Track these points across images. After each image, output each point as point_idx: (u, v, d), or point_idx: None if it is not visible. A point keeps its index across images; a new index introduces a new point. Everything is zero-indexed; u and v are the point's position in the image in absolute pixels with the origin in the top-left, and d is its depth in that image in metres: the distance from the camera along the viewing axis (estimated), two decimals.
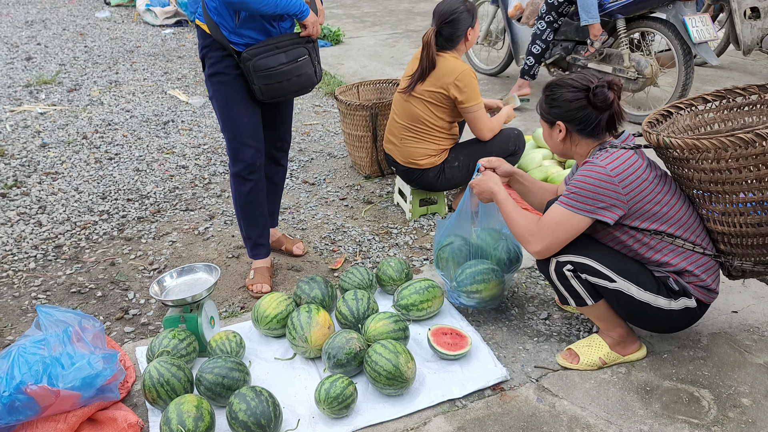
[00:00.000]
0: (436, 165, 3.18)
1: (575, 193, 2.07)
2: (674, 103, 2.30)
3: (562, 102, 2.13)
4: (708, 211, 2.10)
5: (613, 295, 2.14)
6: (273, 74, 2.46)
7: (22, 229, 3.37)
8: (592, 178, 2.04)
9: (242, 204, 2.74)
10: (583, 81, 2.12)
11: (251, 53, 2.42)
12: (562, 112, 2.14)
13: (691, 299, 2.13)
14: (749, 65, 6.12)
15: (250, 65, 2.43)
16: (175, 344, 2.24)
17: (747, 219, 2.00)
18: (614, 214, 2.05)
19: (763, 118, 2.21)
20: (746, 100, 2.23)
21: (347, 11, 9.28)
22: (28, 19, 8.88)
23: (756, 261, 2.11)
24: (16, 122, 4.95)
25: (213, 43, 2.46)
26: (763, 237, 2.02)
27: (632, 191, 2.04)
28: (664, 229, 2.09)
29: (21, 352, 1.94)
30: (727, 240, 2.11)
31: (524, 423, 2.05)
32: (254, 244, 2.83)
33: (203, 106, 5.37)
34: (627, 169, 2.04)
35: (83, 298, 2.81)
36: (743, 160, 1.89)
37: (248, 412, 1.92)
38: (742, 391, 2.16)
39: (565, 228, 2.09)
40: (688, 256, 2.12)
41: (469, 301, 2.49)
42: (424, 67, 3.02)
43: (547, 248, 2.13)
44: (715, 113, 2.28)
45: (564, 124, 2.15)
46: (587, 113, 2.10)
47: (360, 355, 2.20)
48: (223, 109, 2.56)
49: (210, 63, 2.51)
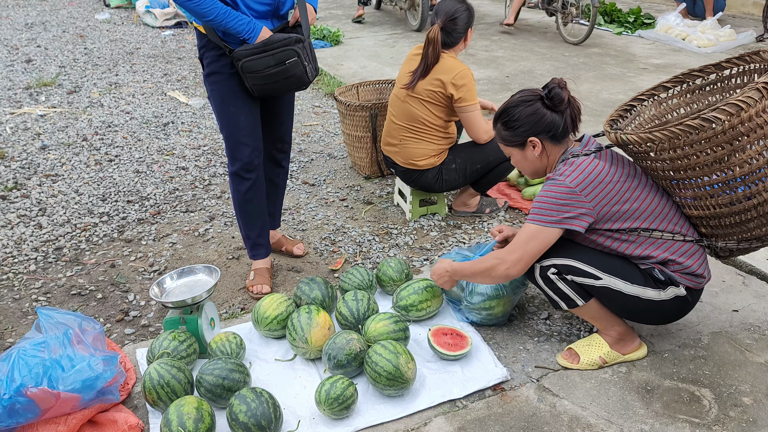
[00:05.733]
0: (435, 166, 3.19)
1: (541, 207, 2.09)
2: (635, 95, 2.34)
3: (524, 119, 2.14)
4: (681, 198, 2.12)
5: (601, 293, 2.15)
6: (261, 76, 2.45)
7: (22, 231, 3.37)
8: (554, 192, 2.07)
9: (240, 203, 2.73)
10: (532, 92, 2.16)
11: (240, 54, 2.41)
12: (529, 128, 2.15)
13: (679, 287, 2.14)
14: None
15: (240, 65, 2.43)
16: (175, 346, 2.24)
17: (718, 200, 2.01)
18: (584, 222, 2.07)
19: (725, 95, 2.23)
20: (705, 80, 2.26)
21: (346, 12, 9.28)
22: (28, 22, 8.89)
23: (739, 239, 2.12)
24: (16, 124, 4.95)
25: (209, 43, 2.47)
26: (739, 215, 2.02)
27: (596, 197, 2.06)
28: (638, 225, 2.10)
29: (21, 354, 1.95)
30: (706, 223, 2.12)
31: (525, 423, 2.05)
32: (253, 244, 2.83)
33: (203, 107, 5.37)
34: (587, 177, 2.05)
35: (83, 300, 2.81)
36: (697, 145, 1.91)
37: (249, 414, 1.92)
38: (743, 390, 2.16)
39: (536, 242, 2.10)
40: (669, 246, 2.12)
41: (481, 319, 2.47)
42: (429, 62, 3.02)
43: (519, 262, 2.14)
44: (678, 98, 2.32)
45: (537, 138, 2.16)
46: (552, 118, 2.12)
47: (360, 356, 2.20)
48: (220, 108, 2.57)
49: (207, 63, 2.52)
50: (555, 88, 2.12)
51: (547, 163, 2.23)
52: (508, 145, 2.25)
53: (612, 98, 5.23)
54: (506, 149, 2.27)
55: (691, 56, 6.44)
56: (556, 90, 2.11)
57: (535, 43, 7.22)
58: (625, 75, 5.88)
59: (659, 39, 7.03)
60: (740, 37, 6.76)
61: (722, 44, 6.60)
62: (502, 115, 2.21)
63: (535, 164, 2.24)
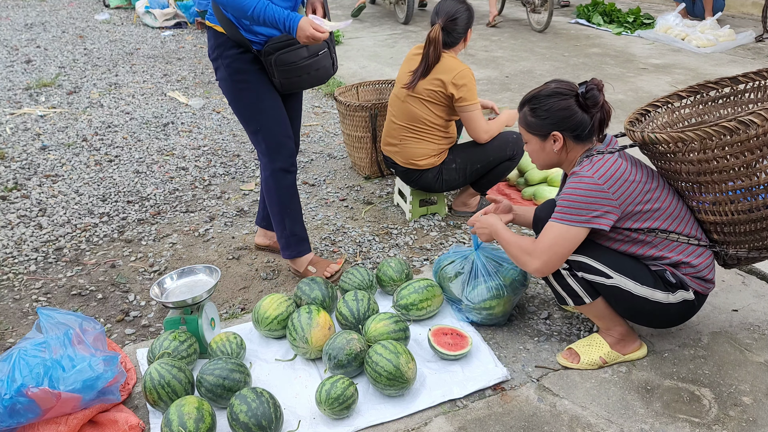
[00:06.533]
0: (435, 166, 3.19)
1: (567, 206, 2.06)
2: (651, 102, 2.33)
3: (553, 112, 2.10)
4: (698, 203, 2.11)
5: (610, 292, 2.14)
6: (294, 68, 2.44)
7: (22, 231, 3.37)
8: (582, 189, 2.04)
9: (285, 199, 2.66)
10: (568, 86, 2.11)
11: (273, 47, 2.39)
12: (556, 122, 2.11)
13: (688, 291, 2.14)
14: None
15: (272, 59, 2.41)
16: (175, 346, 2.24)
17: (738, 206, 2.01)
18: (609, 220, 2.05)
19: (737, 109, 2.23)
20: (719, 93, 2.26)
21: (346, 12, 9.28)
22: (28, 22, 8.89)
23: (750, 247, 2.12)
24: (16, 125, 4.95)
25: (227, 41, 2.42)
26: (755, 223, 2.02)
27: (622, 195, 2.04)
28: (657, 225, 2.09)
29: (22, 354, 1.95)
30: (720, 229, 2.11)
31: (525, 423, 2.06)
32: (299, 239, 2.78)
33: (203, 107, 5.37)
34: (613, 173, 2.04)
35: (84, 300, 2.81)
36: (729, 148, 1.90)
37: (249, 414, 1.93)
38: (743, 389, 2.16)
39: (563, 242, 2.08)
40: (684, 249, 2.12)
41: (481, 318, 2.47)
42: (430, 62, 3.03)
43: (546, 264, 2.12)
44: (690, 108, 2.32)
45: (561, 134, 2.13)
46: (582, 118, 2.09)
47: (360, 356, 2.20)
48: (255, 105, 2.51)
49: (227, 63, 2.46)
50: (593, 89, 2.07)
51: (563, 160, 2.19)
52: (529, 132, 2.19)
53: (612, 98, 5.18)
54: (526, 135, 2.21)
55: (690, 56, 6.44)
56: (594, 92, 2.07)
57: (534, 44, 7.22)
58: (624, 75, 5.88)
59: (658, 39, 7.03)
60: (739, 37, 6.76)
61: (721, 44, 6.60)
62: (533, 100, 2.15)
63: (551, 158, 2.20)
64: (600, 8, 8.04)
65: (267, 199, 2.71)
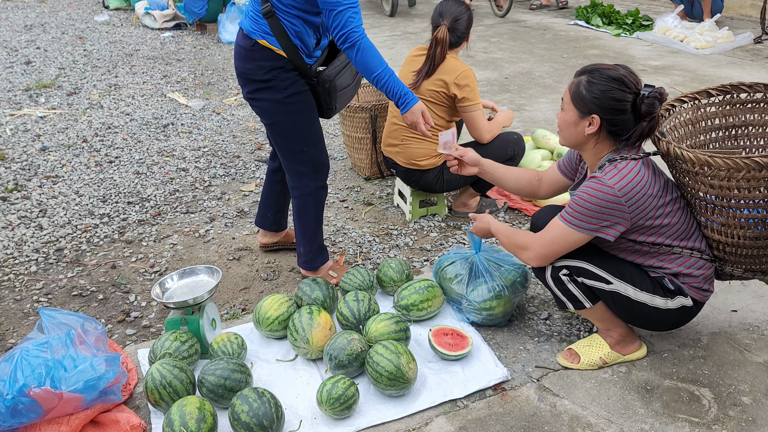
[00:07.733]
0: (436, 166, 3.20)
1: (579, 211, 2.02)
2: (679, 96, 2.27)
3: (606, 96, 1.96)
4: (708, 220, 2.09)
5: (610, 297, 2.15)
6: (346, 92, 2.56)
7: (23, 232, 3.38)
8: (599, 198, 1.98)
9: (319, 214, 2.72)
10: (634, 81, 1.97)
11: (331, 73, 2.48)
12: (602, 108, 1.98)
13: (687, 298, 2.14)
14: None
15: (331, 86, 2.48)
16: (177, 346, 2.24)
17: (747, 233, 2.01)
18: (617, 231, 2.03)
19: (765, 117, 2.21)
20: (750, 97, 2.21)
21: None
22: (27, 23, 8.89)
23: (746, 269, 2.14)
24: (16, 126, 4.95)
25: (287, 64, 2.44)
26: (758, 249, 2.04)
27: (637, 209, 2.00)
28: (662, 241, 2.08)
29: (24, 354, 1.95)
30: (722, 248, 2.12)
31: (525, 423, 2.06)
32: (320, 247, 2.82)
33: (203, 108, 5.37)
34: (635, 186, 1.98)
35: (84, 301, 2.81)
36: (755, 181, 1.88)
37: (250, 414, 1.93)
38: (742, 389, 2.17)
39: (564, 243, 2.09)
40: (685, 261, 2.12)
41: (481, 319, 2.48)
42: (435, 62, 3.04)
43: (541, 257, 2.14)
44: (717, 107, 2.27)
45: (600, 120, 2.00)
46: (627, 118, 1.98)
47: (361, 356, 2.20)
48: (306, 129, 2.55)
49: (284, 85, 2.46)
50: (656, 97, 1.94)
51: (589, 147, 2.09)
52: (572, 102, 2.04)
53: None
54: (567, 104, 2.07)
55: (689, 58, 6.46)
56: (654, 100, 1.94)
57: (533, 45, 7.24)
58: None
59: (657, 41, 7.05)
60: (738, 38, 6.78)
61: (720, 46, 6.62)
62: (594, 73, 2.00)
63: (579, 138, 2.08)
64: (599, 10, 8.06)
65: (303, 217, 2.69)
